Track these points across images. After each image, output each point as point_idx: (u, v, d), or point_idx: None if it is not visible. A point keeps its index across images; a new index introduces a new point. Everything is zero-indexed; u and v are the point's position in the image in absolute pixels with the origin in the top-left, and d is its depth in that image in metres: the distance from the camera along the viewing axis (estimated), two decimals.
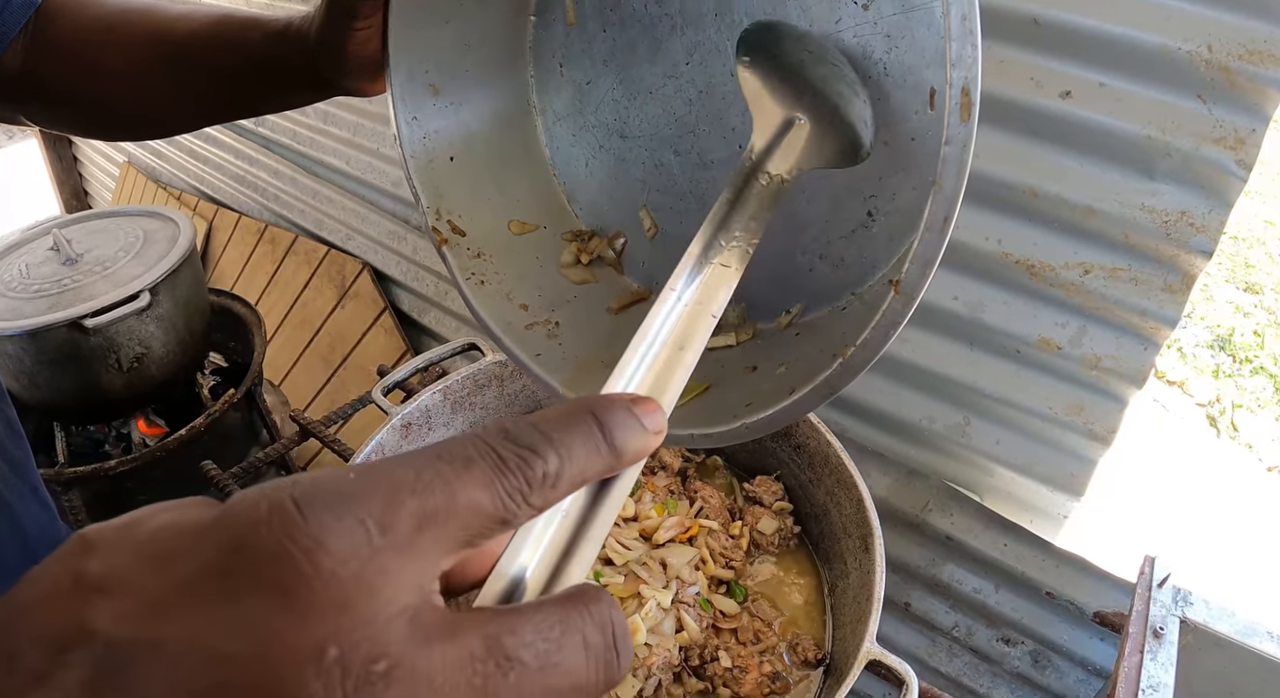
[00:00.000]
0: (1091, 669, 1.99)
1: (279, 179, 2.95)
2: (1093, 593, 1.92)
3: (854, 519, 1.38)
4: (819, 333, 0.76)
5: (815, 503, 1.49)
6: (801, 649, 1.36)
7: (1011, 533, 1.95)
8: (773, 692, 1.32)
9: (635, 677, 1.25)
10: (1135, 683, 1.53)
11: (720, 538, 1.43)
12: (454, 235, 0.87)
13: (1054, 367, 1.65)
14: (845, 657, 1.31)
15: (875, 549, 1.31)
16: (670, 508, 1.45)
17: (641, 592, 1.29)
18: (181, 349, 2.24)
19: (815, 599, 1.43)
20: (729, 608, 1.38)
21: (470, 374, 1.57)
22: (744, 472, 1.59)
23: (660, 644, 1.26)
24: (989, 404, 1.80)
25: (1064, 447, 1.80)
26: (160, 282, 2.12)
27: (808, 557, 1.49)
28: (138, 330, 2.14)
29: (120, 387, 2.20)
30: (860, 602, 1.33)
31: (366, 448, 1.48)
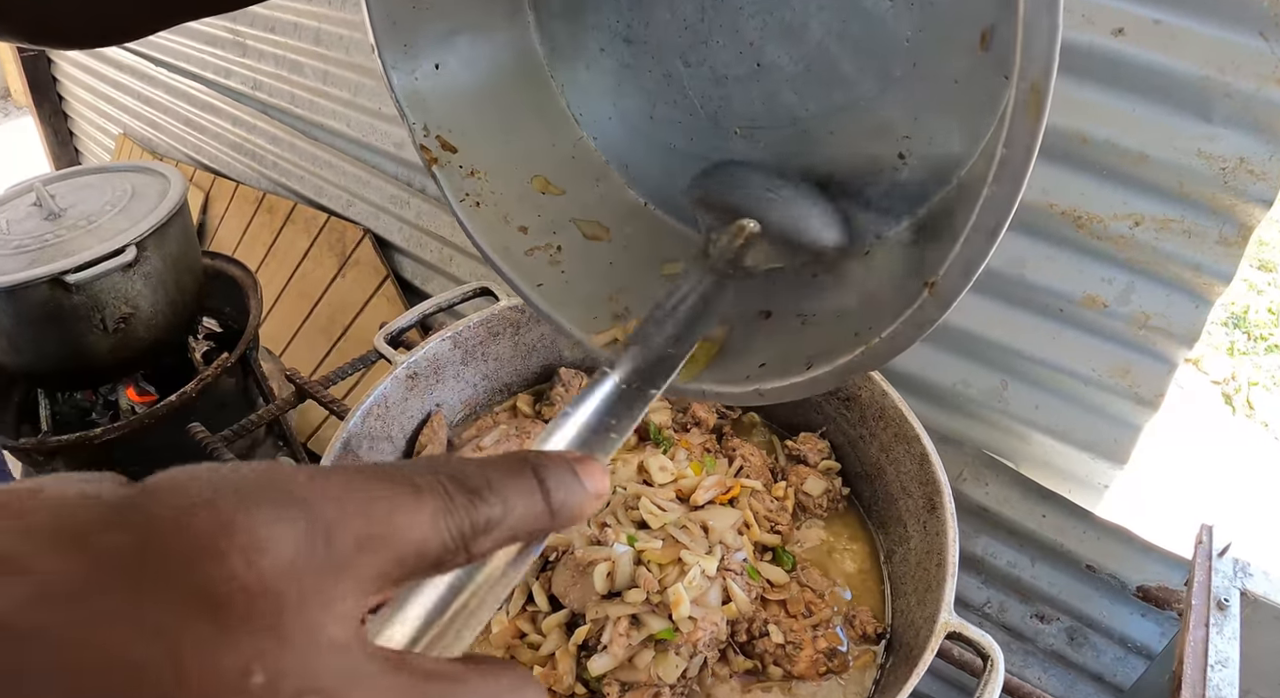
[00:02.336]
0: (1131, 647, 1.77)
1: (277, 145, 2.71)
2: (1136, 566, 1.71)
3: (915, 477, 1.17)
4: (841, 286, 0.67)
5: (867, 461, 1.27)
6: (860, 623, 1.14)
7: (1050, 503, 1.74)
8: (830, 670, 1.10)
9: (679, 655, 1.03)
10: (1203, 659, 1.31)
11: (764, 499, 1.21)
12: (444, 153, 0.77)
13: (1099, 326, 1.45)
14: (912, 630, 1.09)
15: (945, 508, 1.10)
16: (709, 466, 1.23)
17: (683, 558, 1.07)
18: (171, 310, 2.00)
19: (871, 567, 1.22)
20: (777, 577, 1.16)
21: (483, 320, 1.34)
22: (785, 429, 1.37)
23: (706, 618, 1.04)
24: (1028, 367, 1.59)
25: (1107, 412, 1.59)
26: (147, 236, 1.88)
27: (859, 521, 1.27)
28: (124, 288, 1.90)
29: (106, 349, 1.95)
30: (927, 568, 1.11)
31: (369, 400, 1.24)
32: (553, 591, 1.10)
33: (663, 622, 1.03)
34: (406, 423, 1.30)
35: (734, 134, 0.79)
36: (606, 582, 1.05)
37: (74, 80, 3.39)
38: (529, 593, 1.11)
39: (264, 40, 2.58)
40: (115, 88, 3.25)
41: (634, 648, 1.03)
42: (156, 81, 3.05)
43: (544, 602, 1.10)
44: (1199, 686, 1.25)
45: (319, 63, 2.45)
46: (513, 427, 1.32)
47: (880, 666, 1.12)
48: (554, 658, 1.06)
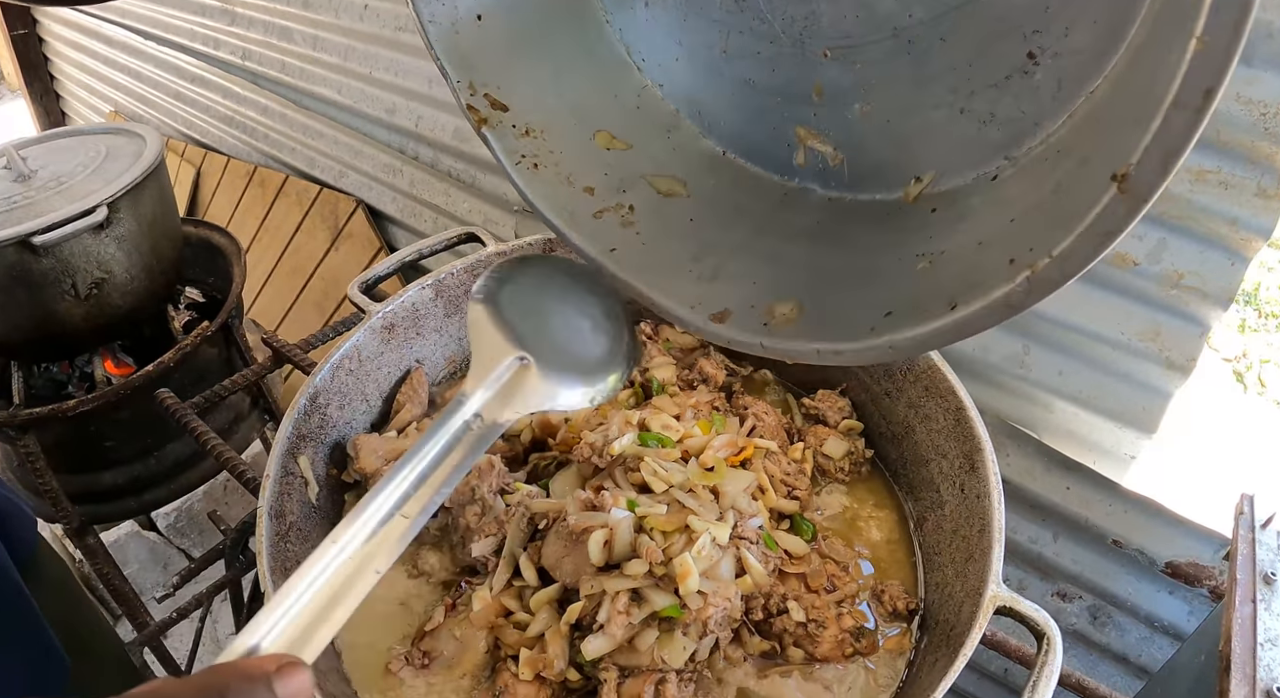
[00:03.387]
0: (1157, 626, 1.60)
1: (268, 116, 2.53)
2: (1165, 541, 1.54)
3: (950, 434, 0.99)
4: (971, 216, 0.58)
5: (894, 420, 1.09)
6: (889, 598, 0.97)
7: (1074, 475, 1.57)
8: (857, 652, 0.93)
9: (686, 635, 0.85)
10: (1251, 637, 1.14)
11: (780, 462, 1.04)
12: (494, 112, 0.72)
13: (1128, 285, 1.30)
14: (950, 605, 0.92)
15: (987, 467, 0.92)
16: (718, 425, 1.05)
17: (691, 525, 0.89)
18: (148, 276, 1.82)
19: (900, 536, 1.04)
20: (796, 548, 0.98)
21: (468, 267, 1.16)
22: (800, 388, 1.19)
23: (718, 592, 0.87)
24: (1051, 330, 1.43)
25: (1135, 377, 1.43)
26: (120, 196, 1.70)
27: (885, 485, 1.10)
28: (96, 251, 1.72)
29: (79, 317, 1.78)
30: (966, 536, 0.94)
31: (339, 352, 1.07)
32: (542, 563, 0.92)
33: (668, 597, 0.85)
34: (383, 380, 1.13)
35: (823, 58, 0.68)
36: (603, 552, 0.88)
37: (64, 58, 3.22)
38: (515, 566, 0.94)
39: (252, 6, 2.40)
40: (105, 64, 3.07)
41: (635, 628, 0.85)
42: (146, 55, 2.87)
43: (532, 576, 0.93)
44: (1248, 666, 1.07)
45: (308, 28, 2.27)
46: None
47: (914, 646, 0.95)
48: (543, 640, 0.89)
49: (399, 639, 0.95)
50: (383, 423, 1.13)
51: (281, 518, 0.95)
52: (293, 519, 0.97)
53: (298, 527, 0.98)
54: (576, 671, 0.88)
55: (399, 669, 0.92)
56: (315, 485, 1.03)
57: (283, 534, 0.95)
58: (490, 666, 0.92)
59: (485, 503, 0.96)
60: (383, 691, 0.92)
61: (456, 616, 0.94)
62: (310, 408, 1.04)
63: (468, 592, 0.95)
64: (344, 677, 0.92)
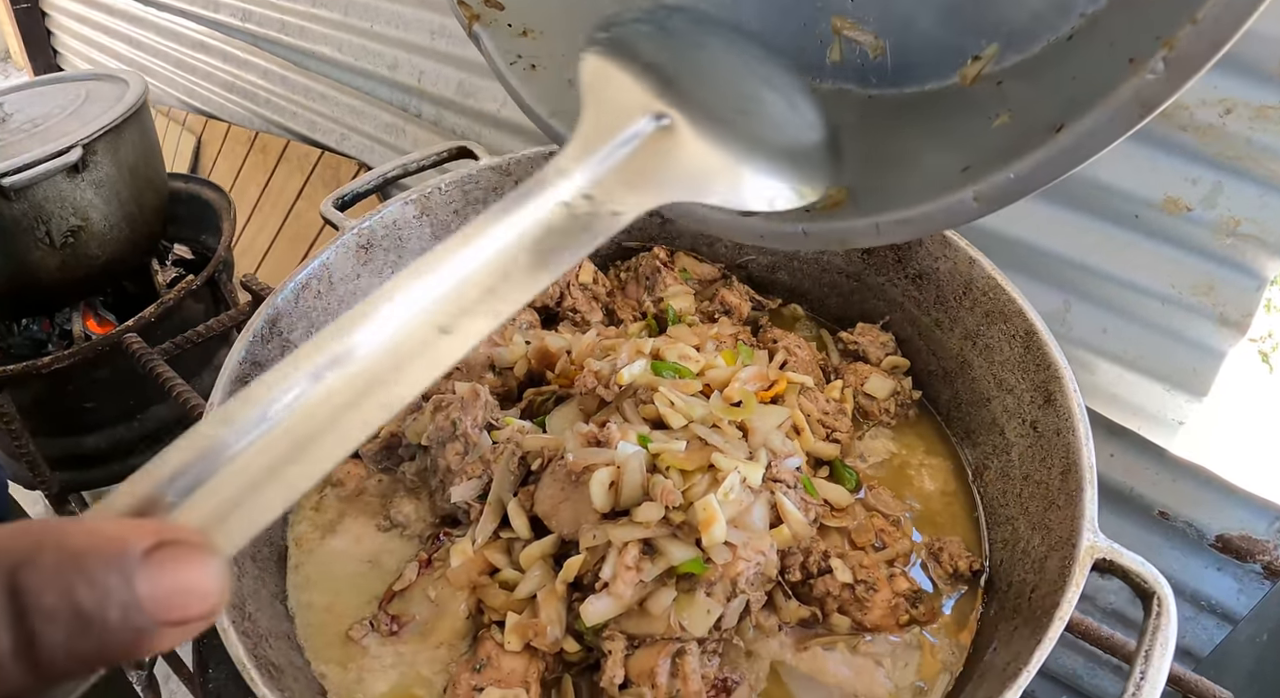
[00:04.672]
0: (1204, 606, 1.39)
1: (269, 80, 2.35)
2: (1215, 512, 1.35)
3: (1017, 365, 0.79)
4: (1053, 67, 0.47)
5: (946, 355, 0.89)
6: (949, 557, 0.77)
7: (1118, 440, 1.37)
8: (913, 620, 0.73)
9: (711, 596, 0.65)
10: None
11: (817, 399, 0.84)
12: (488, 9, 0.64)
13: (1180, 234, 1.14)
14: (1026, 563, 0.72)
15: (1067, 397, 0.73)
16: (744, 356, 0.85)
17: (716, 463, 0.69)
18: (129, 225, 1.63)
19: (956, 487, 0.84)
20: (838, 498, 0.78)
21: (457, 183, 0.96)
22: (834, 323, 0.99)
23: (749, 545, 0.67)
24: (1096, 284, 1.26)
25: (1186, 335, 1.25)
26: (97, 138, 1.51)
27: (936, 431, 0.90)
28: (71, 197, 1.53)
29: (55, 268, 1.59)
30: (1044, 480, 0.74)
31: (305, 270, 0.88)
32: (535, 510, 0.73)
33: (688, 550, 0.66)
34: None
35: None
36: (609, 496, 0.68)
37: (67, 31, 3.04)
38: (503, 514, 0.74)
39: None
40: (106, 34, 2.89)
41: (647, 587, 0.66)
42: (146, 23, 2.69)
43: (523, 525, 0.73)
44: None
45: None
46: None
47: (980, 612, 0.75)
48: (535, 602, 0.69)
49: (365, 602, 0.76)
50: None
51: None
52: None
53: None
54: (575, 640, 0.68)
55: (362, 637, 0.73)
56: None
57: None
58: (471, 633, 0.73)
59: (469, 439, 0.76)
60: (341, 662, 0.72)
61: (432, 573, 0.74)
62: (269, 333, 0.84)
63: (446, 545, 0.75)
64: (295, 644, 0.72)
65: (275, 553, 0.78)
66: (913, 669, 0.71)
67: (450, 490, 0.75)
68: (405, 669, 0.71)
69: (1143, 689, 0.60)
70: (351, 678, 0.71)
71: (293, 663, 0.69)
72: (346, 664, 0.72)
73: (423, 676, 0.71)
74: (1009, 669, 0.62)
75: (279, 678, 0.62)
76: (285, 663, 0.67)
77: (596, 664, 0.68)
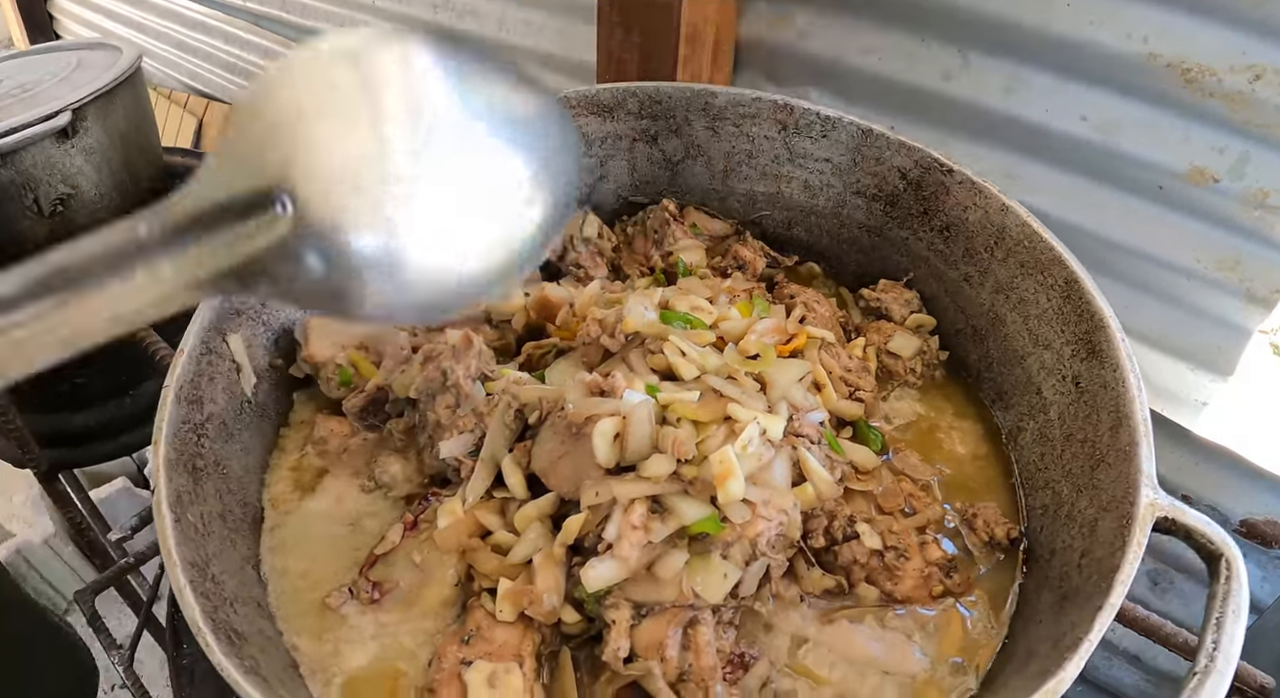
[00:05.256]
0: None
1: (270, 59, 2.26)
2: (1239, 496, 1.28)
3: (1056, 317, 0.71)
4: None
5: (975, 312, 0.81)
6: (984, 524, 0.68)
7: None
8: (948, 591, 0.64)
9: (727, 559, 0.57)
10: None
11: (839, 355, 0.75)
12: None
13: (1206, 206, 1.06)
14: (1072, 528, 0.64)
15: (1115, 347, 0.65)
16: (760, 309, 0.77)
17: (733, 414, 0.61)
18: (121, 195, 1.54)
19: (989, 451, 0.76)
20: (864, 460, 0.70)
21: None
22: (853, 282, 0.91)
23: (769, 503, 0.58)
24: (1117, 258, 1.18)
25: (1211, 312, 1.18)
26: (87, 103, 1.42)
27: (964, 392, 0.81)
28: (60, 163, 1.45)
29: (43, 237, 1.50)
30: (1088, 439, 0.66)
31: None
32: (532, 467, 0.64)
33: (702, 508, 0.57)
34: None
35: None
36: (613, 449, 0.60)
37: (69, 14, 2.96)
38: (496, 471, 0.65)
39: None
40: (108, 18, 2.81)
41: (655, 549, 0.57)
42: (147, 4, 2.61)
43: (518, 483, 0.64)
44: None
45: None
46: None
47: (1019, 581, 0.66)
48: (530, 567, 0.60)
49: (344, 568, 0.67)
50: None
51: (197, 405, 0.67)
52: (214, 410, 0.69)
53: (221, 421, 0.70)
54: (575, 609, 0.60)
55: (340, 605, 0.64)
56: (251, 375, 0.75)
57: (197, 425, 0.66)
58: (460, 602, 0.64)
59: (460, 391, 0.67)
60: (317, 632, 0.63)
61: (418, 536, 0.66)
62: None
63: (433, 506, 0.67)
64: (266, 612, 0.64)
65: (249, 514, 0.70)
66: (948, 644, 0.62)
67: (439, 446, 0.66)
68: (387, 641, 0.63)
69: (1216, 662, 0.52)
70: (327, 650, 0.62)
71: (261, 632, 0.60)
72: (322, 635, 0.63)
73: (406, 647, 0.62)
74: (1065, 641, 0.53)
75: (241, 646, 0.54)
76: (251, 631, 0.58)
77: (598, 636, 0.59)
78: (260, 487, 0.73)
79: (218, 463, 0.68)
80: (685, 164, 0.93)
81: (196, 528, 0.60)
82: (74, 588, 1.28)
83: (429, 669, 0.60)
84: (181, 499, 0.60)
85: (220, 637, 0.52)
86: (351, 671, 0.61)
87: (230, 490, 0.68)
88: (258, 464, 0.74)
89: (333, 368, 0.75)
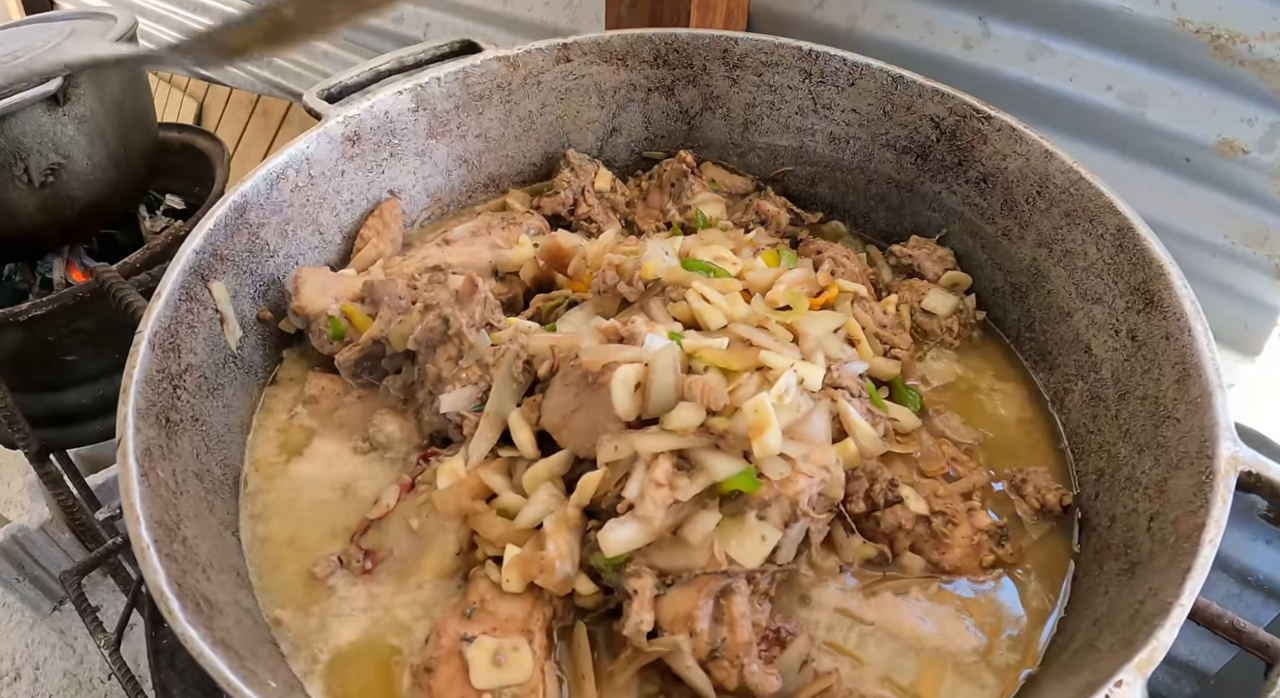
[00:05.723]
0: (1250, 581, 1.24)
1: None
2: None
3: (1107, 268, 0.64)
4: None
5: (1015, 267, 0.73)
6: (1034, 490, 0.61)
7: None
8: (999, 561, 0.56)
9: (764, 520, 0.49)
10: None
11: (873, 310, 0.67)
12: None
13: (1234, 179, 0.99)
14: (1133, 491, 0.57)
15: (1176, 294, 0.58)
16: (788, 260, 0.69)
17: (767, 361, 0.53)
18: (114, 167, 1.46)
19: (1034, 414, 0.68)
20: (904, 421, 0.62)
21: (459, 76, 0.80)
22: (882, 241, 0.83)
23: (810, 458, 0.50)
24: None
25: (1238, 289, 1.10)
26: (79, 69, 1.34)
27: (1004, 353, 0.74)
28: (51, 132, 1.37)
29: (34, 208, 1.42)
30: (1149, 395, 0.59)
31: (282, 156, 0.71)
32: (542, 423, 0.56)
33: (735, 462, 0.49)
34: (342, 209, 0.77)
35: None
36: (634, 399, 0.52)
37: None
38: (503, 428, 0.58)
39: None
40: None
41: (683, 510, 0.49)
42: None
43: (527, 440, 0.56)
44: None
45: None
46: (497, 218, 0.78)
47: (1074, 551, 0.59)
48: (541, 533, 0.52)
49: (333, 535, 0.59)
50: (341, 266, 0.77)
51: (173, 353, 0.59)
52: (193, 361, 0.61)
53: (201, 373, 0.62)
54: (590, 579, 0.52)
55: (328, 575, 0.56)
56: (237, 328, 0.67)
57: (173, 375, 0.59)
58: (461, 572, 0.56)
59: (464, 340, 0.59)
60: (302, 605, 0.56)
61: (415, 499, 0.58)
62: (236, 222, 0.68)
63: (433, 466, 0.59)
64: (245, 582, 0.56)
65: (229, 476, 0.62)
66: (1003, 619, 0.55)
67: (440, 400, 0.58)
68: (379, 615, 0.55)
69: None
70: (313, 625, 0.55)
71: (238, 603, 0.52)
72: (308, 608, 0.55)
73: (400, 622, 0.54)
74: (1147, 609, 0.46)
75: (210, 615, 0.46)
76: (226, 601, 0.50)
77: (617, 610, 0.52)
78: (244, 448, 0.65)
79: (196, 418, 0.60)
80: (703, 116, 0.85)
81: (168, 485, 0.53)
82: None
83: (426, 646, 0.52)
84: (151, 452, 0.53)
85: (186, 604, 0.44)
86: (339, 647, 0.54)
87: (210, 449, 0.61)
88: (242, 424, 0.66)
89: (325, 320, 0.67)
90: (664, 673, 0.50)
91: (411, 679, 0.52)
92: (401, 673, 0.52)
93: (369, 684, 0.52)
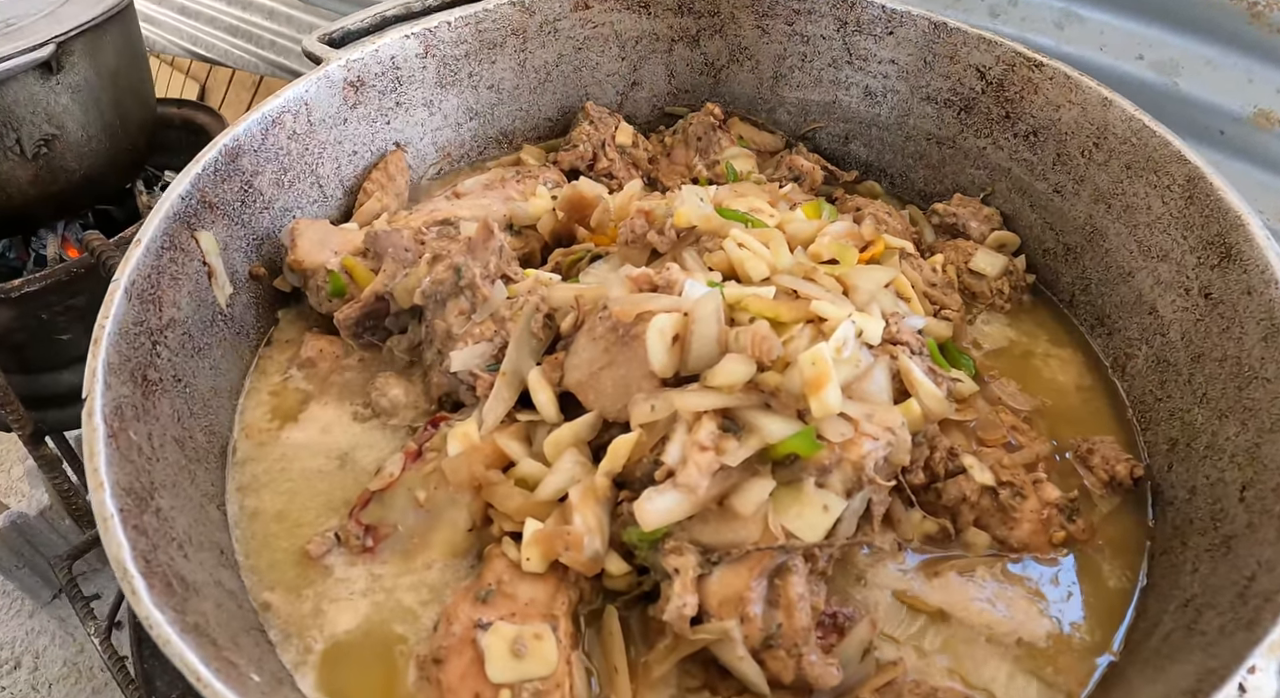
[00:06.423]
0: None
1: (274, 20, 2.09)
2: None
3: (1175, 221, 0.57)
4: None
5: (1069, 226, 0.66)
6: (1103, 461, 0.53)
7: None
8: (1070, 538, 0.49)
9: (823, 488, 0.41)
10: None
11: (921, 267, 0.60)
12: None
13: (1271, 152, 0.91)
14: (1219, 458, 0.49)
15: (1256, 246, 0.51)
16: (829, 213, 0.61)
17: (820, 311, 0.45)
18: (109, 139, 1.37)
19: (1094, 382, 0.61)
20: (960, 385, 0.54)
21: (470, 20, 0.71)
22: (920, 201, 0.75)
23: (874, 418, 0.42)
24: None
25: None
26: (74, 36, 1.25)
27: (1057, 317, 0.66)
28: (44, 101, 1.27)
29: (26, 180, 1.33)
30: (1229, 355, 0.52)
31: (277, 100, 0.63)
32: (565, 383, 0.48)
33: (789, 423, 0.41)
34: (344, 160, 0.69)
35: None
36: (671, 354, 0.44)
37: None
38: (521, 389, 0.49)
39: None
40: None
41: (730, 477, 0.42)
42: None
43: (549, 403, 0.48)
44: None
45: None
46: (510, 171, 0.70)
47: (1150, 528, 0.51)
48: (566, 505, 0.44)
49: (330, 509, 0.51)
50: (342, 221, 0.69)
51: (153, 306, 0.51)
52: (176, 316, 0.53)
53: (185, 329, 0.54)
54: (622, 558, 0.44)
55: (324, 554, 0.48)
56: (227, 283, 0.59)
57: (152, 330, 0.50)
58: (474, 550, 0.48)
59: (477, 292, 0.51)
60: (295, 587, 0.47)
61: (422, 468, 0.50)
62: (227, 168, 0.59)
63: (442, 432, 0.51)
64: (230, 560, 0.48)
65: (215, 444, 0.54)
66: (1077, 602, 0.47)
67: (450, 358, 0.50)
68: (381, 598, 0.47)
69: None
70: (306, 609, 0.46)
71: (219, 583, 0.44)
72: (301, 591, 0.47)
73: (405, 606, 0.47)
74: (1258, 586, 0.38)
75: (185, 597, 0.38)
76: (204, 581, 0.42)
77: (654, 592, 0.44)
78: (233, 413, 0.57)
79: (178, 378, 0.52)
80: (730, 69, 0.77)
81: (141, 449, 0.44)
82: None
83: (435, 635, 0.44)
84: (122, 411, 0.44)
85: (154, 583, 0.36)
86: (336, 635, 0.46)
87: (193, 413, 0.53)
88: (231, 387, 0.58)
89: (323, 275, 0.59)
90: (707, 664, 0.43)
91: (418, 672, 0.44)
92: (407, 665, 0.44)
93: (369, 678, 0.44)
